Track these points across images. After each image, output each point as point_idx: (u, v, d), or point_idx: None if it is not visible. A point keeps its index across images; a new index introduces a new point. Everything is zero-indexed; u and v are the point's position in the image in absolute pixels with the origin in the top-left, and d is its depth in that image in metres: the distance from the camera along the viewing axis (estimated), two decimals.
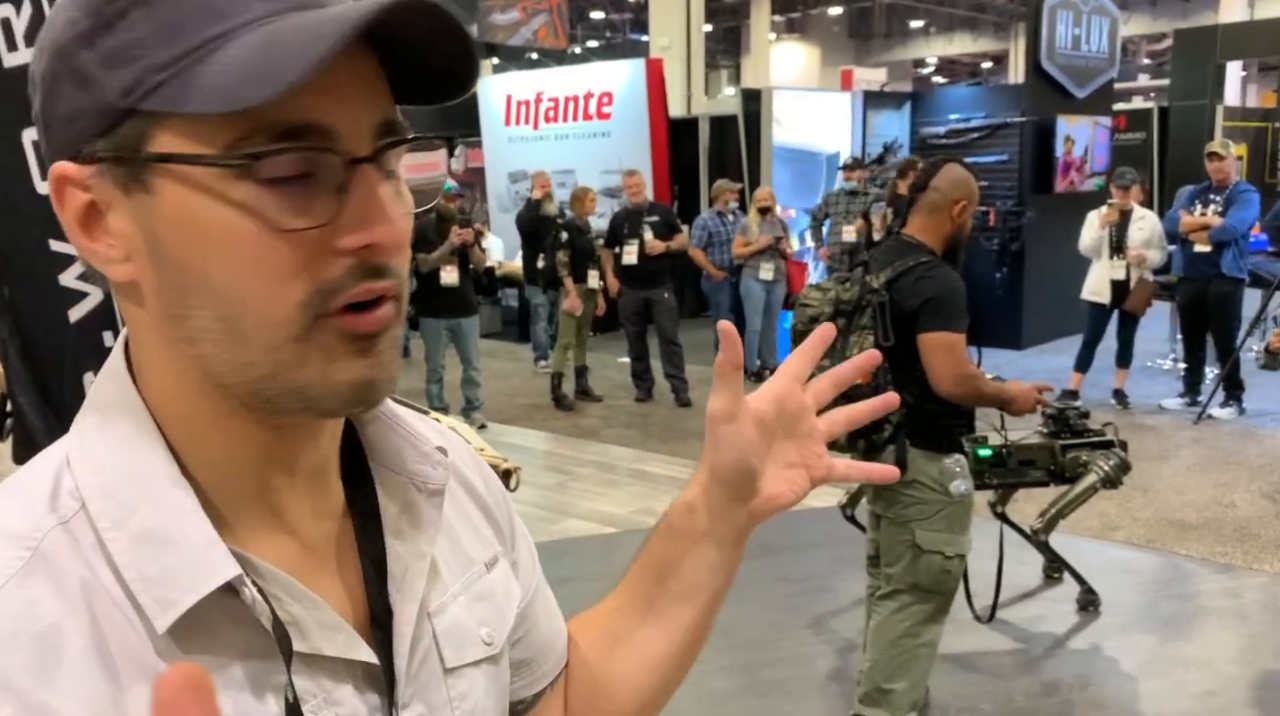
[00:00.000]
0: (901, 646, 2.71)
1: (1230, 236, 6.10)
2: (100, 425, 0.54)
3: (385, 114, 0.53)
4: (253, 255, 0.50)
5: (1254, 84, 21.13)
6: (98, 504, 0.51)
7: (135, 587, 0.49)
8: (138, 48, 0.49)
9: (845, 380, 0.78)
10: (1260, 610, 3.84)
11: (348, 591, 0.59)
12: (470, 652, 0.63)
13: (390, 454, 0.62)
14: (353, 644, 0.56)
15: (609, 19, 26.34)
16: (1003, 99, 9.19)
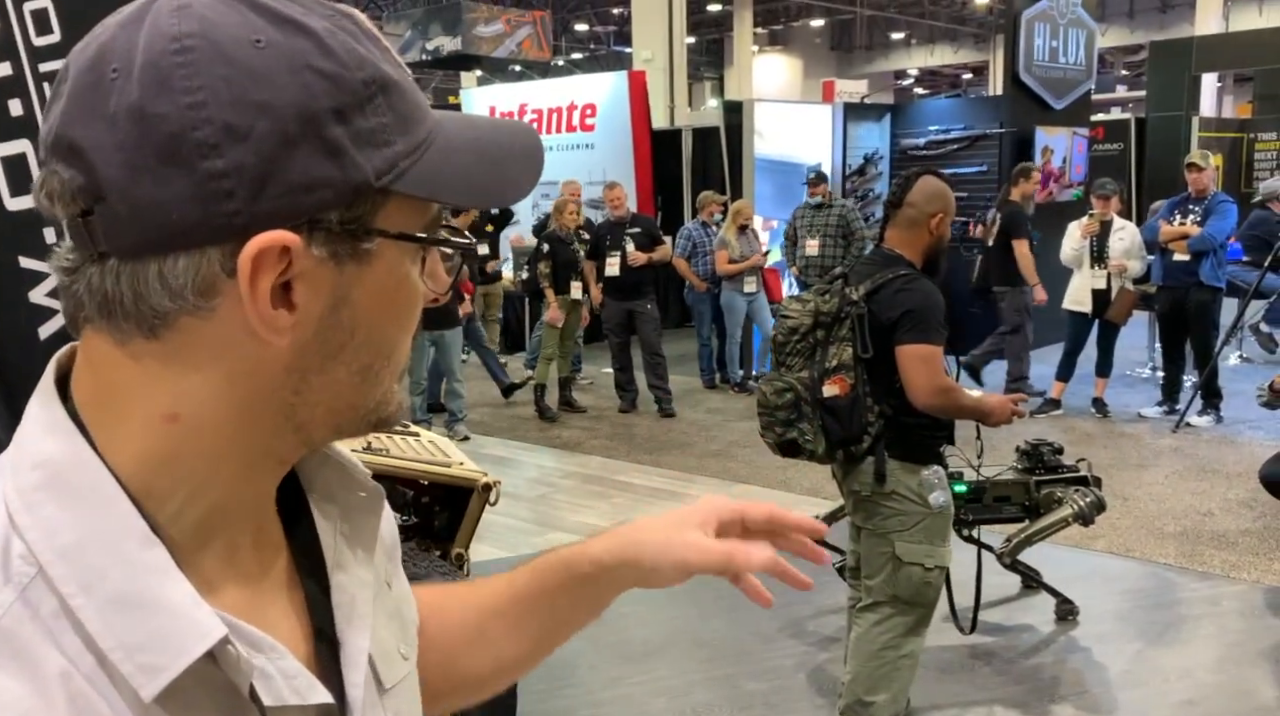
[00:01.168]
0: (883, 658, 2.71)
1: (1209, 246, 6.16)
2: (48, 483, 0.50)
3: None
4: (414, 316, 0.58)
5: (1229, 95, 21.40)
6: (59, 568, 0.48)
7: (115, 656, 0.47)
8: (386, 133, 0.52)
9: (784, 531, 0.83)
10: (1238, 618, 3.87)
11: (292, 622, 0.59)
12: (398, 670, 0.65)
13: (324, 485, 0.63)
14: (312, 688, 0.55)
15: (593, 31, 26.43)
16: (982, 110, 9.26)
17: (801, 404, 2.67)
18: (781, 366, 2.76)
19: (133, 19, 0.50)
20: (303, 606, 0.60)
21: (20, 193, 1.70)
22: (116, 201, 0.48)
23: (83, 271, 0.50)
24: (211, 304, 0.49)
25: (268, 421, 0.54)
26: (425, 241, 0.56)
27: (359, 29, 0.53)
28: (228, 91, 0.47)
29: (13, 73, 1.68)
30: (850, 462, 2.68)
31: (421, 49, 13.51)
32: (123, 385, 0.51)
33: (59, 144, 0.49)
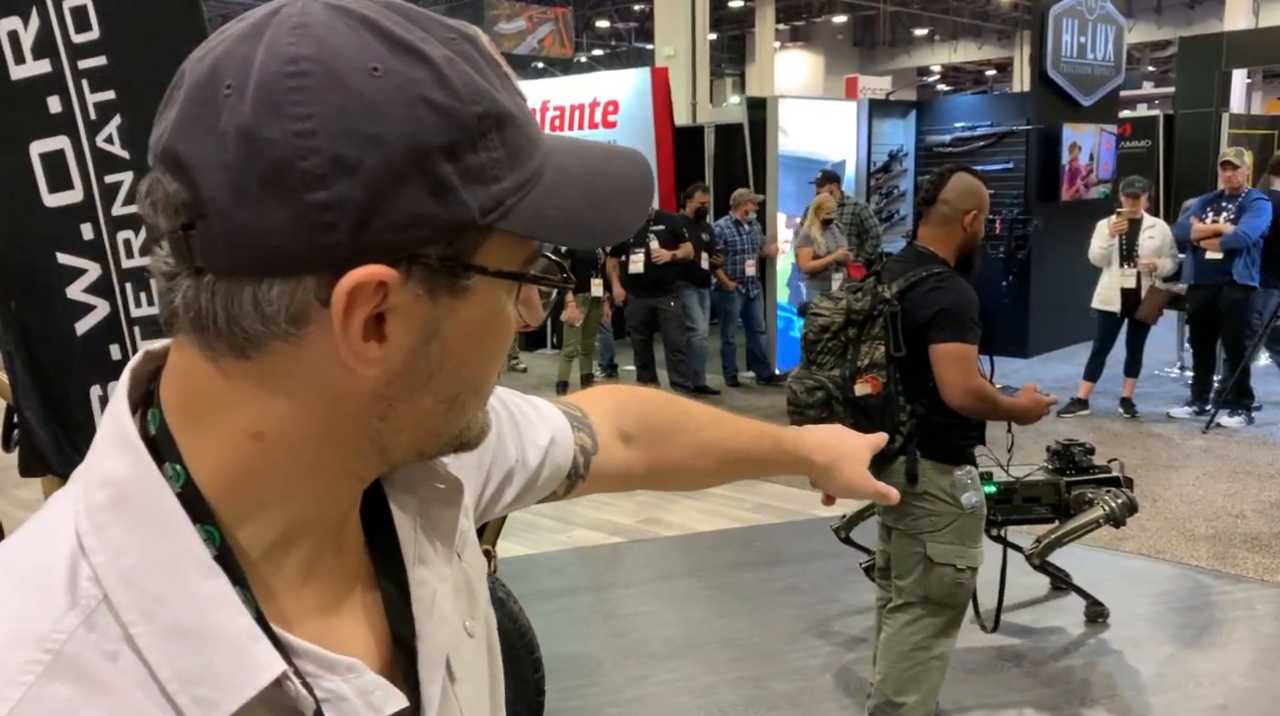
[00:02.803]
0: (913, 659, 2.69)
1: (1243, 243, 6.08)
2: (113, 504, 0.50)
3: None
4: (505, 347, 0.57)
5: (1259, 91, 21.10)
6: (121, 595, 0.48)
7: (171, 688, 0.47)
8: (495, 169, 0.50)
9: None
10: (1273, 622, 3.81)
11: (370, 626, 0.58)
12: (464, 652, 0.64)
13: (404, 477, 0.62)
14: (389, 698, 0.55)
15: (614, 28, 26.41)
16: (1008, 107, 9.17)
17: (833, 402, 2.65)
18: (812, 364, 2.74)
19: (252, 33, 0.48)
20: (380, 608, 0.59)
21: (59, 189, 1.71)
22: (216, 221, 0.47)
23: (179, 281, 0.49)
24: (303, 332, 0.49)
25: (351, 444, 0.53)
26: (524, 279, 0.54)
27: (479, 55, 0.52)
28: (339, 121, 0.46)
29: (52, 70, 1.69)
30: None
31: None
32: (210, 398, 0.51)
33: (167, 155, 0.48)
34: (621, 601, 4.11)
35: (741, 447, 1.01)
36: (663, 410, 0.96)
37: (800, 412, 2.71)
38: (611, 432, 0.89)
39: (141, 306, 1.76)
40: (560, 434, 0.82)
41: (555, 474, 0.82)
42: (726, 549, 4.61)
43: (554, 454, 0.81)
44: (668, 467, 0.95)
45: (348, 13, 0.48)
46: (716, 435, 0.99)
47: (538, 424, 0.81)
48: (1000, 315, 8.20)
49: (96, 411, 1.77)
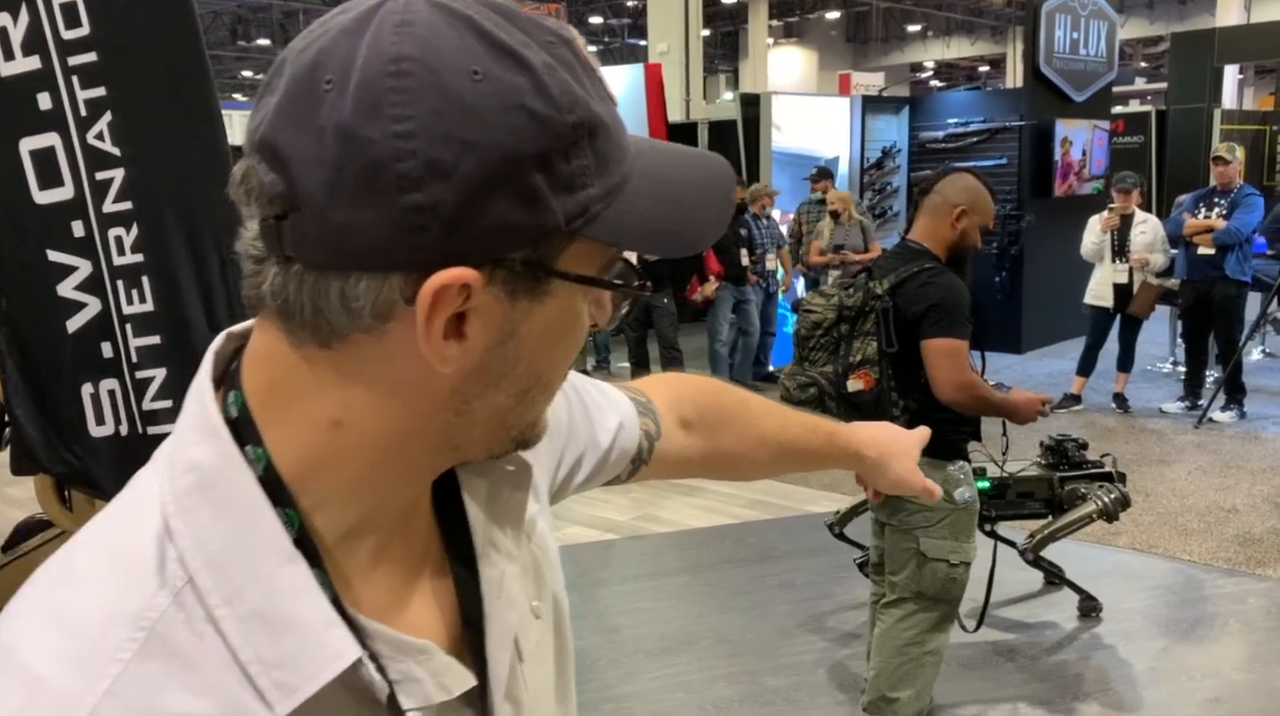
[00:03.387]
0: (907, 654, 2.69)
1: (1235, 239, 6.09)
2: (199, 489, 0.51)
3: None
4: (578, 347, 0.58)
5: (1251, 87, 21.17)
6: (206, 578, 0.49)
7: (252, 670, 0.49)
8: (583, 176, 0.51)
9: None
10: (1265, 616, 3.83)
11: (440, 608, 0.60)
12: (532, 633, 0.65)
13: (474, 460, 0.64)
14: (460, 680, 0.57)
15: (607, 24, 26.38)
16: (1001, 103, 9.19)
17: (825, 399, 2.65)
18: (805, 361, 2.74)
19: (355, 27, 0.48)
20: (451, 590, 0.60)
21: (49, 186, 1.70)
22: (309, 215, 0.47)
23: (266, 268, 0.50)
24: (386, 327, 0.49)
25: (428, 438, 0.54)
26: (603, 285, 0.55)
27: (576, 60, 0.52)
28: (438, 125, 0.47)
29: (41, 67, 1.68)
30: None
31: None
32: (293, 383, 0.52)
33: (265, 145, 0.49)
34: (615, 598, 4.11)
35: (796, 439, 1.03)
36: (720, 398, 0.98)
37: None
38: (673, 419, 0.91)
39: (133, 303, 1.75)
40: (628, 418, 0.85)
41: (622, 457, 0.84)
42: (720, 545, 4.62)
43: (621, 438, 0.83)
44: (725, 455, 0.97)
45: (451, 12, 0.48)
46: (772, 425, 1.01)
47: (606, 409, 0.83)
48: (994, 311, 8.22)
49: (88, 409, 1.77)
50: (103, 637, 0.47)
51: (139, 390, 1.76)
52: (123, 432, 1.78)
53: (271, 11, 23.35)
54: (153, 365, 1.76)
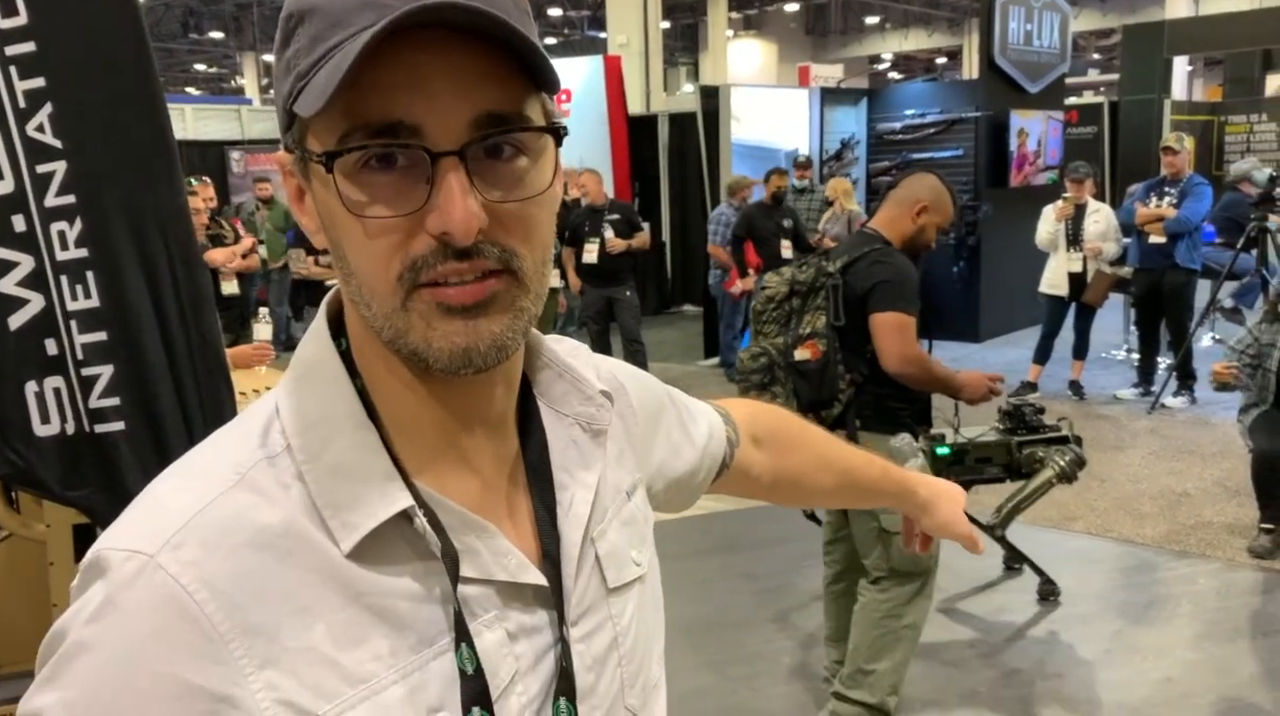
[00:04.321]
0: (884, 627, 2.75)
1: (1185, 228, 6.20)
2: (302, 377, 0.62)
3: (487, 107, 0.56)
4: (359, 236, 0.58)
5: (1200, 78, 21.57)
6: (298, 440, 0.59)
7: (325, 513, 0.57)
8: (296, 58, 0.57)
9: None
10: (1214, 596, 3.91)
11: (524, 525, 0.66)
12: (627, 573, 0.71)
13: (559, 398, 0.70)
14: (523, 568, 0.63)
15: (566, 16, 26.25)
16: (957, 94, 9.28)
17: (775, 368, 2.75)
18: (759, 334, 2.84)
19: None
20: (529, 512, 0.67)
21: None
22: None
23: None
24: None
25: (371, 331, 0.61)
26: (319, 159, 0.58)
27: None
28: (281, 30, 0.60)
29: None
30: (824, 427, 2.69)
31: None
32: (346, 297, 0.63)
33: None
34: None
35: (854, 469, 1.07)
36: (787, 422, 1.04)
37: (745, 378, 2.81)
38: (747, 433, 0.97)
39: (78, 299, 1.71)
40: (716, 428, 0.92)
41: (715, 462, 0.92)
42: (687, 536, 4.63)
43: (712, 446, 0.91)
44: (791, 476, 1.02)
45: None
46: (834, 453, 1.06)
47: (699, 418, 0.90)
48: (952, 301, 8.31)
49: (32, 408, 1.72)
50: (209, 475, 0.59)
51: (85, 387, 1.72)
52: (69, 431, 1.74)
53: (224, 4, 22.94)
54: (99, 362, 1.71)
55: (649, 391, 0.84)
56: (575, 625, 0.65)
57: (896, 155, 9.04)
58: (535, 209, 0.60)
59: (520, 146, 0.58)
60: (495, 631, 0.61)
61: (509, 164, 0.58)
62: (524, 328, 0.61)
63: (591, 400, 0.71)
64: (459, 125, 0.56)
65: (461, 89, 0.56)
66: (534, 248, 0.60)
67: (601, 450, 0.70)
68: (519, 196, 0.58)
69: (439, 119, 0.55)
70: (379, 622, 0.57)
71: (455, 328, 0.58)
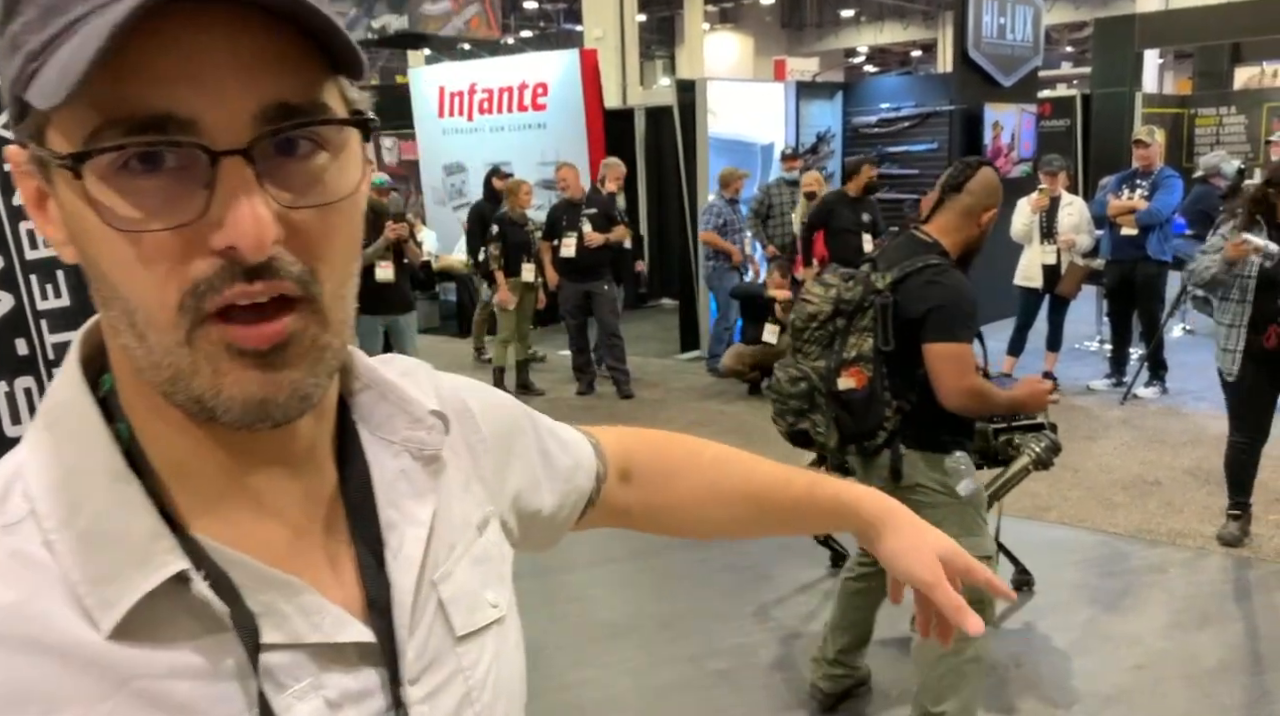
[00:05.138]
0: (946, 664, 2.56)
1: (1156, 219, 6.28)
2: (48, 425, 0.53)
3: (278, 96, 0.47)
4: (123, 255, 0.47)
5: (1170, 71, 21.80)
6: (44, 504, 0.50)
7: (80, 591, 0.48)
8: (25, 33, 0.47)
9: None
10: (1185, 584, 3.97)
11: (346, 574, 0.57)
12: (479, 617, 0.63)
13: (383, 422, 0.62)
14: (341, 625, 0.54)
15: (542, 9, 26.13)
16: (932, 88, 9.33)
17: (815, 394, 2.54)
18: (798, 353, 2.62)
19: None
20: (353, 559, 0.58)
21: None
22: None
23: None
24: None
25: (128, 364, 0.51)
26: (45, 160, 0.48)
27: None
28: None
29: None
30: (864, 457, 2.55)
31: (367, 27, 13.26)
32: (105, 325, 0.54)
33: None
34: (563, 586, 4.11)
35: (762, 492, 0.90)
36: (665, 450, 0.91)
37: (783, 402, 2.61)
38: (616, 466, 0.87)
39: (48, 298, 1.69)
40: (584, 460, 0.82)
41: (580, 498, 0.82)
42: None
43: (578, 478, 0.82)
44: (669, 511, 0.89)
45: None
46: (732, 479, 0.90)
47: (568, 447, 0.81)
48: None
49: (3, 408, 1.71)
50: None
51: None
52: None
53: None
54: None
55: (503, 416, 0.74)
56: (415, 683, 0.57)
57: (872, 149, 9.07)
58: (337, 217, 0.51)
59: (318, 141, 0.50)
60: (310, 702, 0.52)
61: (305, 163, 0.49)
62: (330, 368, 0.52)
63: (421, 422, 0.61)
64: (243, 118, 0.46)
65: (246, 75, 0.46)
66: (334, 267, 0.51)
67: (436, 479, 0.62)
68: (318, 200, 0.50)
69: (220, 111, 0.46)
70: (153, 711, 0.48)
71: (249, 376, 0.49)
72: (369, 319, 6.24)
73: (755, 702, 3.18)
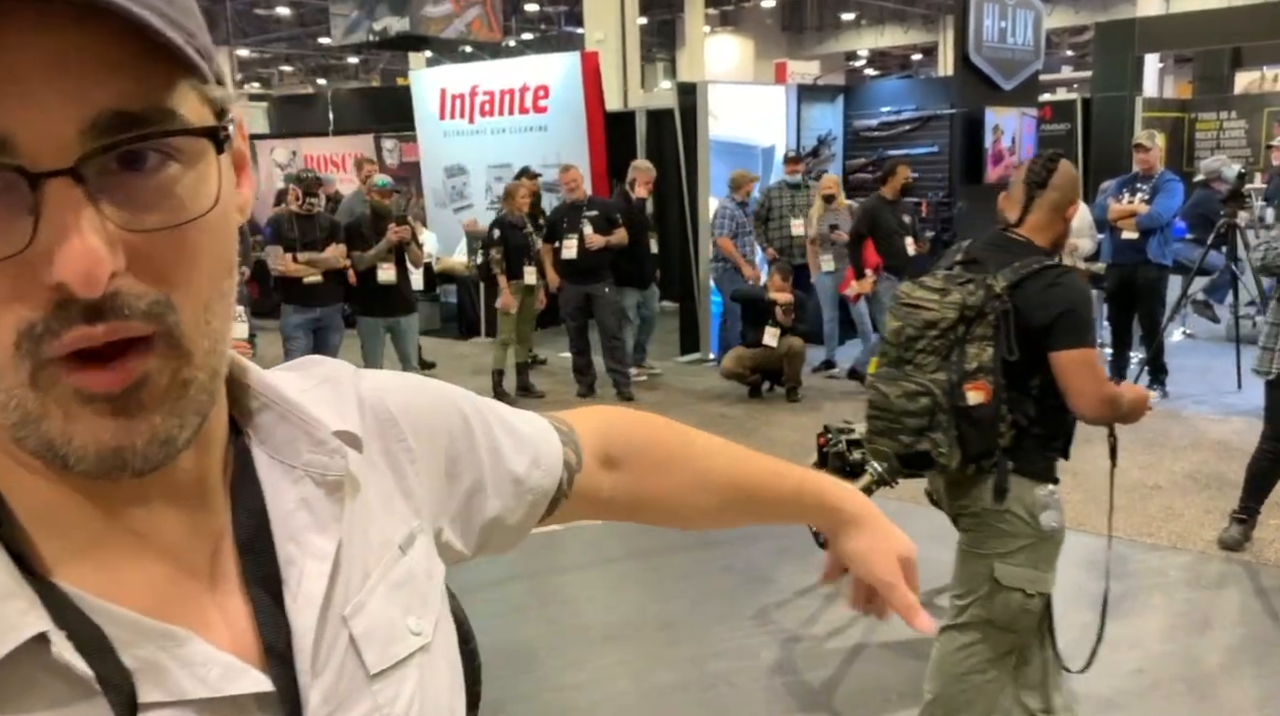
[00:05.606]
0: (968, 682, 2.50)
1: (1157, 223, 6.28)
2: None
3: (110, 104, 0.42)
4: None
5: (1170, 75, 21.83)
6: None
7: None
8: None
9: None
10: (1184, 588, 3.97)
11: (239, 618, 0.53)
12: (398, 649, 0.57)
13: (283, 446, 0.56)
14: (231, 676, 0.49)
15: (543, 11, 26.16)
16: (932, 91, 9.34)
17: (937, 412, 2.33)
18: (908, 364, 2.38)
19: None
20: (244, 601, 0.53)
21: None
22: None
23: None
24: None
25: None
26: None
27: None
28: None
29: None
30: (980, 475, 2.40)
31: (369, 29, 13.28)
32: None
33: None
34: (559, 587, 4.11)
35: (751, 484, 0.89)
36: (658, 435, 0.87)
37: (894, 420, 2.39)
38: (593, 453, 0.81)
39: None
40: (547, 456, 0.76)
41: (542, 496, 0.76)
42: (663, 532, 4.63)
43: (536, 477, 0.75)
44: (657, 499, 0.86)
45: None
46: (722, 469, 0.88)
47: (524, 443, 0.75)
48: None
49: None
50: None
51: None
52: None
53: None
54: None
55: (437, 418, 0.68)
56: None
57: (873, 152, 9.08)
58: (197, 235, 0.45)
59: (168, 152, 0.44)
60: None
61: (153, 177, 0.44)
62: (197, 405, 0.47)
63: (323, 445, 0.56)
64: (68, 132, 0.41)
65: (71, 82, 0.41)
66: (195, 291, 0.46)
67: (339, 506, 0.56)
68: (169, 220, 0.44)
69: (37, 127, 0.41)
70: None
71: (102, 423, 0.44)
72: (371, 320, 6.27)
73: (755, 705, 3.17)
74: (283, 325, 6.16)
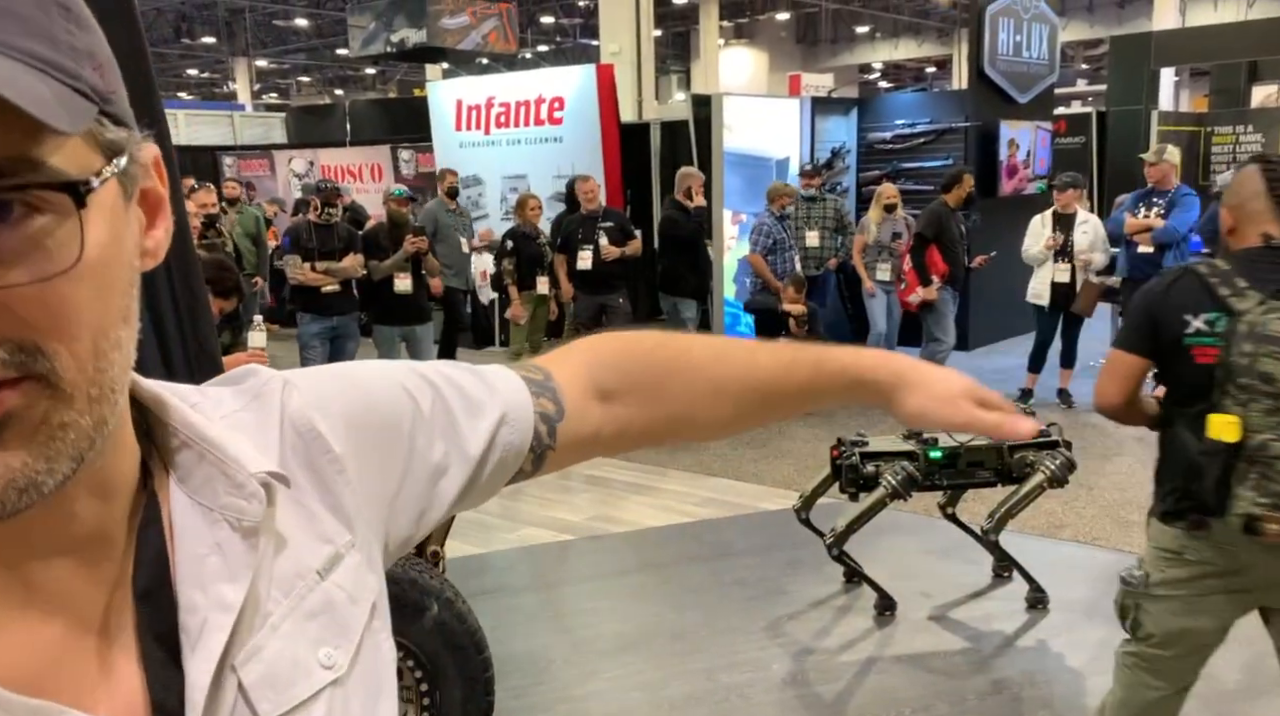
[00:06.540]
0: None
1: (1173, 237, 6.27)
2: None
3: None
4: None
5: (1186, 89, 21.75)
6: None
7: None
8: None
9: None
10: None
11: (130, 677, 0.49)
12: (300, 690, 0.53)
13: (201, 486, 0.53)
14: None
15: (559, 24, 26.30)
16: (947, 104, 9.34)
17: None
18: (1240, 407, 2.10)
19: None
20: (136, 664, 0.50)
21: None
22: None
23: None
24: None
25: None
26: None
27: None
28: None
29: None
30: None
31: (386, 41, 13.39)
32: None
33: None
34: (571, 598, 4.11)
35: (767, 380, 0.83)
36: (653, 354, 0.81)
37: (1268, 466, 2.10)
38: (584, 392, 0.76)
39: None
40: (515, 408, 0.71)
41: (513, 453, 0.71)
42: (676, 544, 4.64)
43: (504, 434, 0.70)
44: (665, 422, 0.81)
45: None
46: (730, 372, 0.83)
47: (485, 405, 0.69)
48: None
49: None
50: None
51: None
52: None
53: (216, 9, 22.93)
54: None
55: (377, 412, 0.63)
56: None
57: (887, 164, 9.09)
58: (71, 286, 0.43)
59: (35, 204, 0.41)
60: None
61: (17, 230, 0.41)
62: (74, 450, 0.44)
63: (241, 488, 0.52)
64: None
65: None
66: (78, 338, 0.43)
67: (252, 553, 0.52)
68: (37, 274, 0.42)
69: None
70: None
71: None
72: (387, 329, 6.31)
73: None
74: (300, 334, 6.21)
